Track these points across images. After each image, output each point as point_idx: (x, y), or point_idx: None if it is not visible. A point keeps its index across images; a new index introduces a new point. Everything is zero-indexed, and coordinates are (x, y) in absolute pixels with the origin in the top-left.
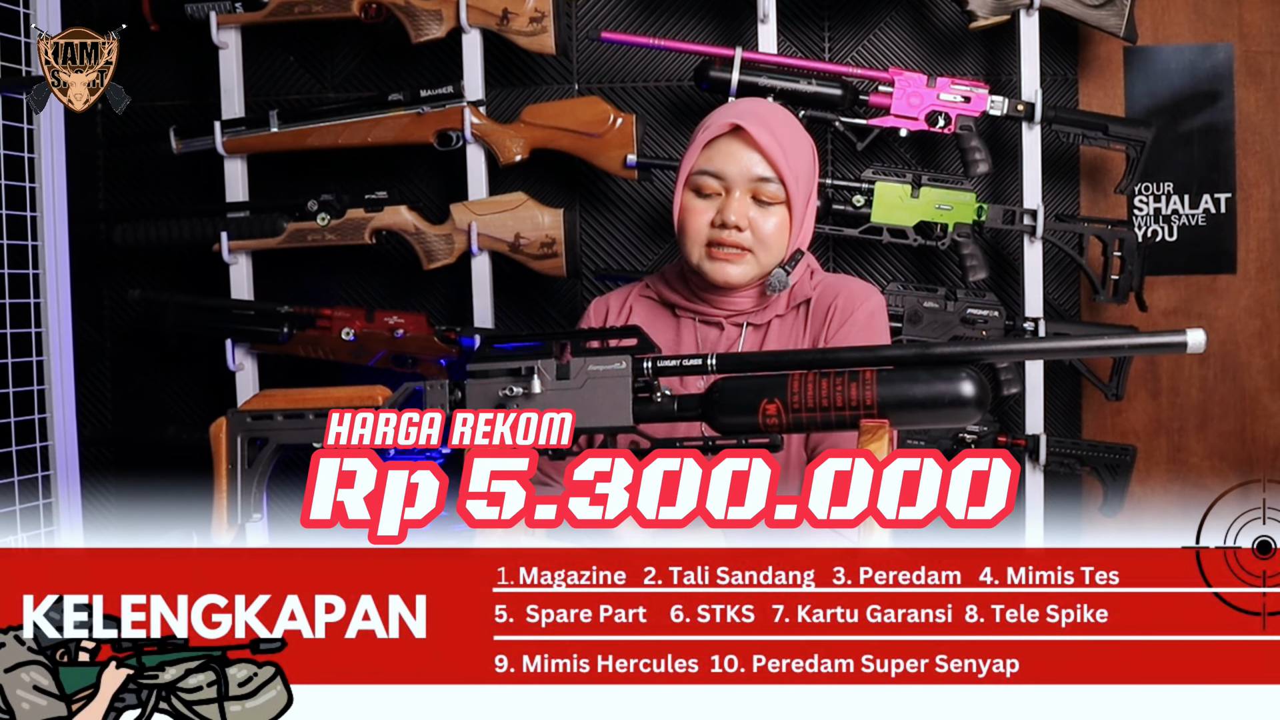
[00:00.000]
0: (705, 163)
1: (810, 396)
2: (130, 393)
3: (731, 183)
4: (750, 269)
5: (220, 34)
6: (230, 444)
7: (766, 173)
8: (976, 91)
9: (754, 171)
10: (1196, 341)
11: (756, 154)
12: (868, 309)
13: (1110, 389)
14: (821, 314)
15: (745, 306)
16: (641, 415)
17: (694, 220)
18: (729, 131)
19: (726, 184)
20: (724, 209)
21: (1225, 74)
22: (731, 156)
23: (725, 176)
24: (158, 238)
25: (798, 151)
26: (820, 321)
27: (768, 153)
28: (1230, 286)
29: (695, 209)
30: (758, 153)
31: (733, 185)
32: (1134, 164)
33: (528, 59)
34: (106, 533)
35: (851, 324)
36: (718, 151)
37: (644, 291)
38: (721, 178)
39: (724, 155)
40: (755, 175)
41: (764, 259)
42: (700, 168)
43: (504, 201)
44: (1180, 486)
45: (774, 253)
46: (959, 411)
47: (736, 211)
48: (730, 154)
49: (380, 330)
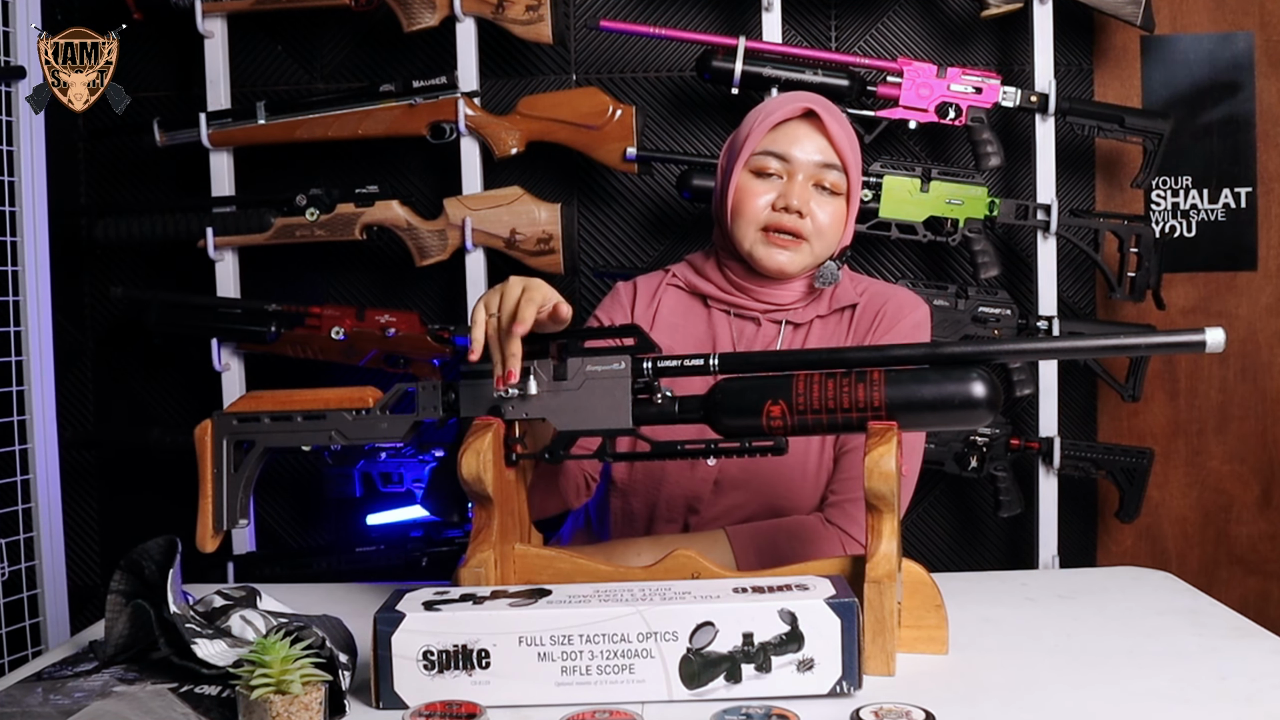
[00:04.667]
0: (771, 143)
1: (816, 398)
2: (112, 394)
3: (797, 166)
4: (804, 258)
5: (205, 22)
6: (216, 447)
7: (833, 160)
8: (988, 82)
9: (820, 158)
10: (1216, 340)
11: (825, 140)
12: (915, 319)
13: (1127, 390)
14: (869, 320)
15: (788, 300)
16: (641, 417)
17: (751, 202)
18: (800, 116)
19: (791, 168)
20: (787, 192)
21: (1245, 64)
22: (799, 140)
23: (791, 160)
24: (141, 233)
25: (856, 148)
26: (866, 328)
27: (836, 142)
28: (1251, 284)
29: (754, 190)
30: (826, 140)
31: (797, 169)
32: (1151, 157)
33: (524, 48)
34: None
35: (897, 333)
36: (785, 134)
37: (672, 281)
38: (788, 160)
39: (791, 138)
40: (821, 162)
41: (818, 249)
42: (766, 148)
43: (499, 196)
44: (1199, 491)
45: (828, 243)
46: (970, 413)
47: (799, 196)
48: (798, 138)
49: (371, 329)
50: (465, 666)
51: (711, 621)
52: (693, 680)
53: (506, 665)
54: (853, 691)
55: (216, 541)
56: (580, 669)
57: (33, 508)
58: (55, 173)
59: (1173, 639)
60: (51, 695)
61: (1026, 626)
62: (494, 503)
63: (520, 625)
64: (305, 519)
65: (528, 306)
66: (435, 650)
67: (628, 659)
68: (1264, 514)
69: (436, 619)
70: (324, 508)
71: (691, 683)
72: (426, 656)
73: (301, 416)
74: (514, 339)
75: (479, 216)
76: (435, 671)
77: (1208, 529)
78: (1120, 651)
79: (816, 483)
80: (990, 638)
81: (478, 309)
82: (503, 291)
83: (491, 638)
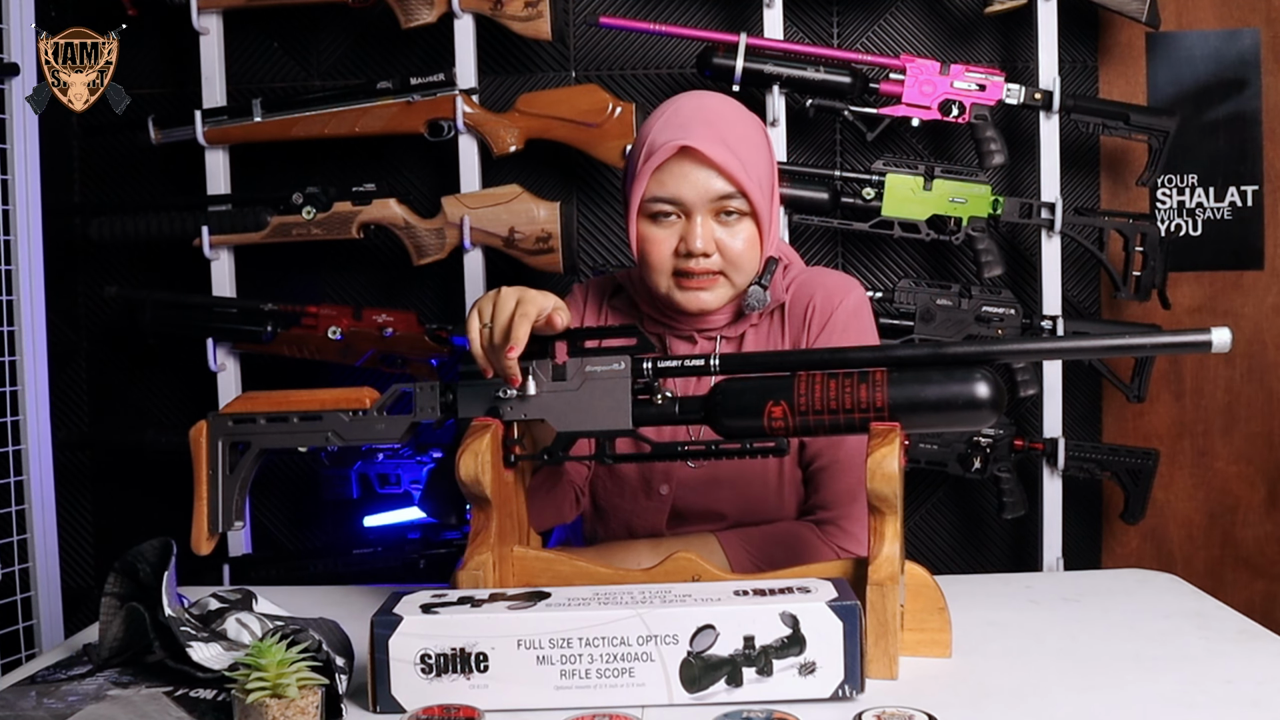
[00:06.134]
0: (658, 188)
1: (818, 398)
2: (107, 395)
3: (690, 207)
4: (725, 291)
5: (201, 19)
6: (211, 448)
7: (727, 189)
8: (992, 79)
9: (713, 190)
10: (1222, 340)
11: (712, 170)
12: (848, 307)
13: (1132, 390)
14: (799, 317)
15: (719, 324)
16: (641, 418)
17: (655, 250)
18: (677, 153)
19: (685, 208)
20: (687, 236)
21: (1252, 60)
22: (685, 179)
23: (683, 201)
24: (135, 232)
25: (754, 154)
26: (799, 324)
27: (724, 168)
28: (1257, 283)
29: (655, 239)
30: (713, 169)
31: (692, 209)
32: (1157, 155)
33: (522, 45)
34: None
35: (833, 324)
36: (669, 175)
37: (613, 303)
38: (679, 202)
39: (677, 178)
40: (715, 194)
41: (737, 279)
42: (654, 194)
43: (498, 194)
44: (1205, 492)
45: (747, 271)
46: (973, 414)
47: (702, 236)
48: (683, 176)
49: (368, 329)
50: (463, 670)
51: (712, 624)
52: (693, 684)
53: (505, 669)
54: (855, 695)
55: (212, 544)
56: (580, 672)
57: (26, 509)
58: (49, 171)
59: (1178, 642)
60: (45, 699)
61: (1030, 629)
62: (492, 504)
63: (519, 628)
64: (301, 521)
65: (521, 325)
66: (433, 653)
67: (627, 662)
68: (1270, 515)
69: (434, 622)
70: (320, 509)
71: (692, 686)
72: (424, 660)
73: (298, 417)
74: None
75: (477, 215)
76: (433, 675)
77: (1213, 531)
78: (1125, 655)
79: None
80: (994, 641)
81: (471, 318)
82: (495, 302)
83: (490, 641)
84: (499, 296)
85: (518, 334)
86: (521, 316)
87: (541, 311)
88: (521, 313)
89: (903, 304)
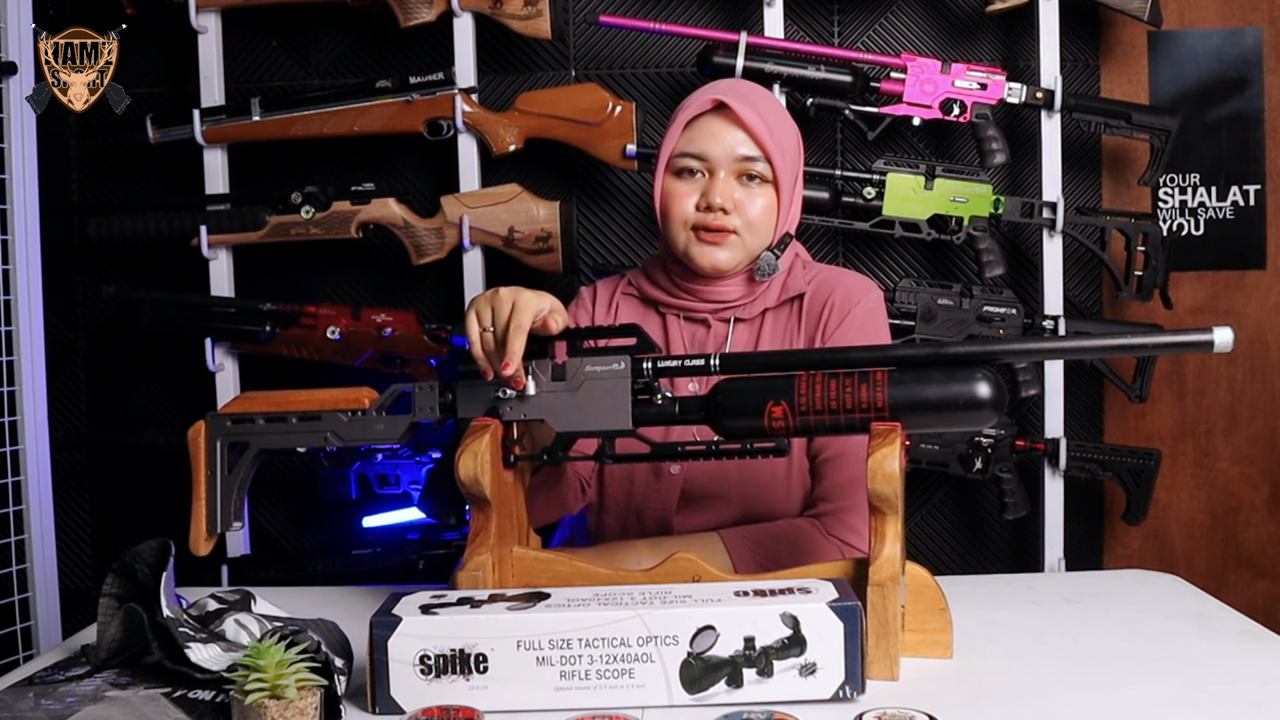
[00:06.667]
0: (687, 144)
1: (818, 398)
2: (105, 395)
3: (716, 163)
4: (738, 253)
5: (199, 17)
6: (210, 449)
7: (752, 151)
8: (993, 78)
9: (739, 151)
10: (1224, 340)
11: (741, 132)
12: (866, 306)
13: (1134, 390)
14: (817, 311)
15: (732, 296)
16: (641, 418)
17: (677, 205)
18: (711, 109)
19: (710, 165)
20: (709, 191)
21: (1254, 59)
22: (715, 136)
23: (709, 157)
24: (133, 231)
25: (783, 129)
26: (816, 319)
27: (753, 130)
28: (1260, 283)
29: (678, 193)
30: (742, 130)
31: (717, 166)
32: (1159, 154)
33: (522, 44)
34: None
35: (849, 322)
36: (700, 131)
37: (627, 289)
38: (705, 159)
39: (707, 135)
40: (740, 155)
41: (751, 242)
42: (682, 149)
43: (497, 194)
44: (1207, 493)
45: (761, 235)
46: (975, 414)
47: (722, 193)
48: (713, 133)
49: (367, 329)
50: (463, 671)
51: (712, 625)
52: (693, 685)
53: (504, 670)
54: (856, 696)
55: (210, 544)
56: (579, 673)
57: (24, 510)
58: (47, 170)
59: (1180, 643)
60: (43, 700)
61: (1032, 630)
62: (492, 505)
63: (518, 629)
64: (300, 521)
65: (516, 339)
66: (432, 654)
67: (627, 663)
68: (1273, 516)
69: (433, 623)
70: (319, 510)
71: (692, 687)
72: (423, 661)
73: (297, 418)
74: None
75: (477, 214)
76: (432, 676)
77: (1216, 531)
78: (1127, 656)
79: (788, 488)
80: (995, 642)
81: (469, 320)
82: (493, 305)
83: (489, 642)
84: (496, 299)
85: (513, 348)
86: (516, 329)
87: (538, 315)
88: (516, 324)
89: (904, 304)
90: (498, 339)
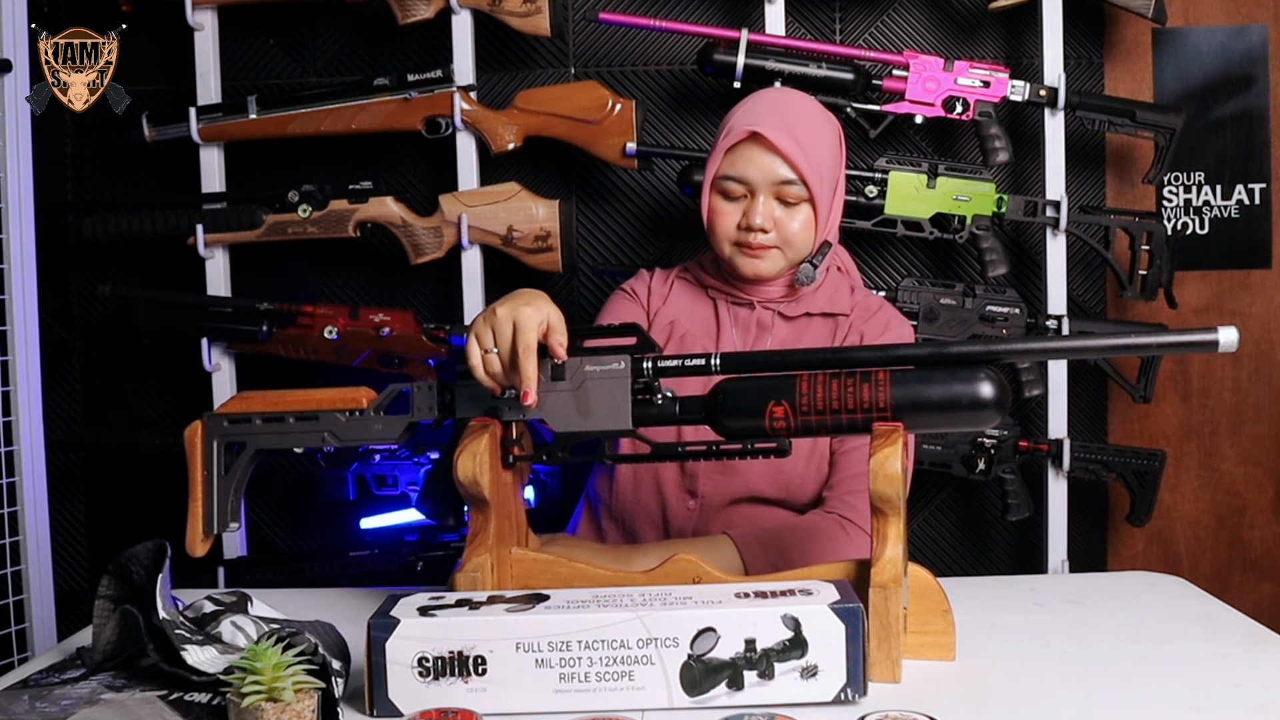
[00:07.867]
0: (729, 168)
1: (820, 398)
2: (100, 395)
3: (755, 187)
4: (778, 263)
5: (196, 15)
6: (206, 449)
7: (789, 175)
8: (996, 75)
9: (776, 175)
10: (1229, 340)
11: (778, 158)
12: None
13: (1138, 390)
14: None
15: (775, 296)
16: (641, 418)
17: (722, 222)
18: (748, 137)
19: (750, 188)
20: (749, 213)
21: (1260, 57)
22: (753, 162)
23: (748, 181)
24: (129, 230)
25: (819, 146)
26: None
27: (788, 156)
28: (1265, 282)
29: (723, 211)
30: (779, 156)
31: (756, 189)
32: (1163, 152)
33: (521, 41)
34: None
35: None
36: (740, 157)
37: (682, 274)
38: (745, 182)
39: (745, 160)
40: (778, 179)
41: (791, 255)
42: (724, 173)
43: (496, 192)
44: (1212, 494)
45: (800, 249)
46: (977, 414)
47: (762, 214)
48: (751, 159)
49: (365, 329)
50: (461, 673)
51: (713, 627)
52: (694, 687)
53: (503, 672)
54: (857, 699)
55: (207, 545)
56: (579, 676)
57: (19, 511)
58: (41, 168)
59: (1185, 645)
60: (38, 703)
61: (1035, 632)
62: (490, 506)
63: (517, 631)
64: (297, 522)
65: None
66: (430, 657)
67: (627, 666)
68: (1278, 517)
69: (432, 625)
70: (317, 511)
71: (692, 690)
72: (422, 663)
73: (294, 418)
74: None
75: (475, 213)
76: (430, 678)
77: (1221, 533)
78: (1131, 658)
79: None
80: (998, 644)
81: (471, 346)
82: (493, 326)
83: (488, 644)
84: (495, 320)
85: (526, 374)
86: (525, 351)
87: (540, 328)
88: (524, 346)
89: (906, 303)
90: (505, 362)
